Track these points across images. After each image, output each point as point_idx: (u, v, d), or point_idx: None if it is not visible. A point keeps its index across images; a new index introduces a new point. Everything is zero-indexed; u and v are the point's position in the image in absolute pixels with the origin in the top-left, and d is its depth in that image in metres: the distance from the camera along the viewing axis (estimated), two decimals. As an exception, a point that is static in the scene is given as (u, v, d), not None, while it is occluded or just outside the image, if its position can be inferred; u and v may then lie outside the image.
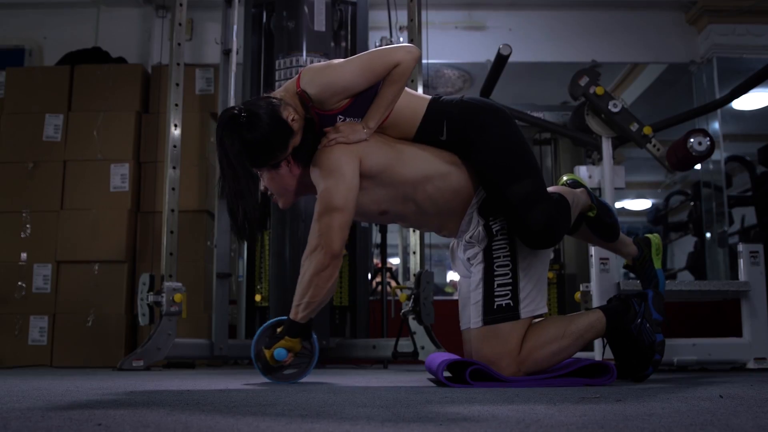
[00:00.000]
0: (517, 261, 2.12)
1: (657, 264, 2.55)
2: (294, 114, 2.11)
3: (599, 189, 3.57)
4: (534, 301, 2.12)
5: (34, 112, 4.54)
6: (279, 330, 2.19)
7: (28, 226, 4.37)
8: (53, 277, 4.30)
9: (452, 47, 5.65)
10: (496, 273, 2.11)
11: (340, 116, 2.14)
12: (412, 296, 3.78)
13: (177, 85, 3.87)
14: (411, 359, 3.83)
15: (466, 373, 1.97)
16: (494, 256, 2.13)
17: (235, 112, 2.07)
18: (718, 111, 5.35)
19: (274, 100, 2.11)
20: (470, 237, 2.17)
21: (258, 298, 4.30)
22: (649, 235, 2.60)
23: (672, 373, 2.93)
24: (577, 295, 3.20)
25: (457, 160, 2.20)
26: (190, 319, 4.12)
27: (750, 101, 6.40)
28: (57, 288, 4.30)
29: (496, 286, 2.11)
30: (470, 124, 2.16)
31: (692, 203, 6.32)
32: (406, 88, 2.21)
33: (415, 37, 4.09)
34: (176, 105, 3.85)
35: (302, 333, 2.16)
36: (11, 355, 4.18)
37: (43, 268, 4.32)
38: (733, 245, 5.49)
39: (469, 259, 2.19)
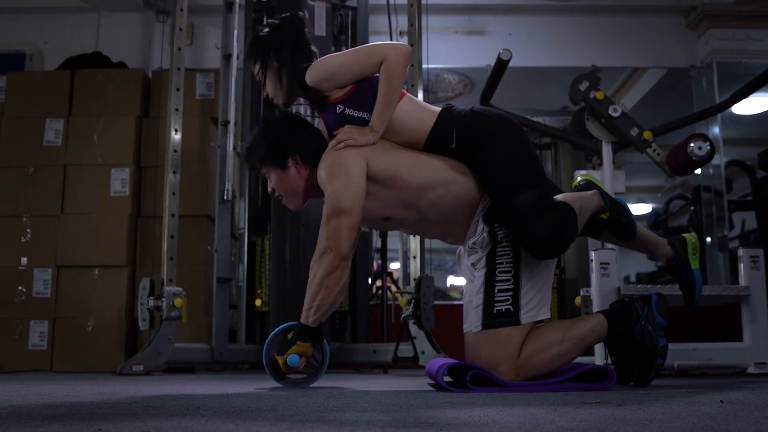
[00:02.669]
0: (520, 267, 2.12)
1: (694, 264, 2.47)
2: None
3: (599, 193, 3.57)
4: (536, 306, 2.12)
5: (34, 116, 4.55)
6: (290, 335, 2.19)
7: (28, 230, 4.37)
8: (53, 282, 4.30)
9: (452, 52, 5.66)
10: (497, 278, 2.12)
11: (339, 106, 2.20)
12: (413, 301, 3.77)
13: (177, 89, 3.87)
14: (411, 364, 3.82)
15: (466, 377, 1.96)
16: (497, 261, 2.13)
17: None
18: (718, 115, 5.36)
19: None
20: (474, 243, 2.17)
21: (258, 302, 4.30)
22: (685, 235, 2.52)
23: (672, 377, 2.93)
24: (578, 300, 3.20)
25: (464, 168, 2.21)
26: (190, 324, 4.12)
27: (750, 106, 6.39)
28: (57, 292, 4.30)
29: (497, 291, 2.11)
30: (479, 133, 2.18)
31: (692, 208, 6.32)
32: (419, 101, 2.27)
33: (415, 42, 4.10)
34: (177, 110, 3.86)
35: (314, 337, 2.18)
36: (11, 359, 4.18)
37: (43, 272, 4.32)
38: (733, 250, 5.48)
39: (473, 264, 2.19)
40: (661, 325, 2.17)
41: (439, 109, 2.26)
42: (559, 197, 2.25)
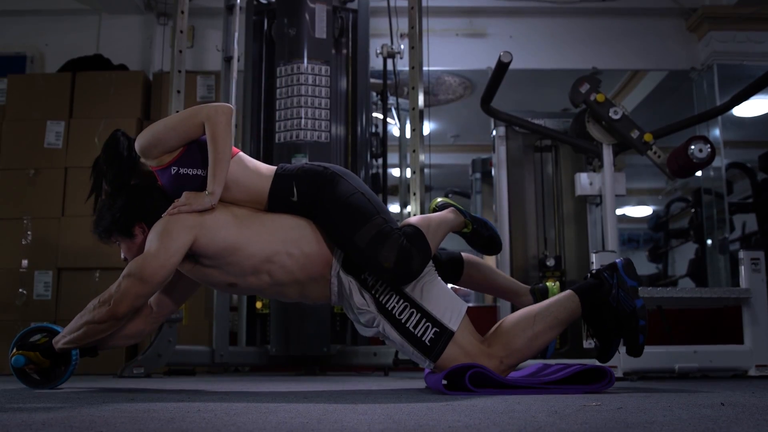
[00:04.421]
0: (408, 294, 2.14)
1: None
2: None
3: (600, 196, 3.57)
4: (452, 308, 2.13)
5: (35, 119, 4.55)
6: (41, 339, 2.29)
7: (29, 232, 4.37)
8: (54, 284, 4.30)
9: (453, 54, 5.67)
10: (402, 319, 2.13)
11: (174, 167, 2.21)
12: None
13: (178, 92, 3.87)
14: (412, 366, 3.82)
15: (466, 378, 1.96)
16: (388, 307, 2.14)
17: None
18: (719, 118, 5.36)
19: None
20: (359, 305, 2.18)
21: (259, 305, 4.30)
22: (549, 284, 2.52)
23: (673, 380, 2.93)
24: (578, 302, 3.19)
25: (309, 223, 2.24)
26: (190, 326, 4.12)
27: (750, 108, 6.40)
28: (58, 295, 4.30)
29: (412, 327, 2.12)
30: (317, 180, 2.22)
31: (693, 210, 6.32)
32: (252, 159, 2.29)
33: (416, 44, 4.10)
34: (177, 112, 3.86)
35: (53, 358, 2.27)
36: (12, 362, 4.17)
37: (43, 274, 4.32)
38: (734, 252, 5.48)
39: (369, 325, 2.20)
40: (634, 288, 2.13)
41: (274, 168, 2.30)
42: (410, 220, 2.26)
